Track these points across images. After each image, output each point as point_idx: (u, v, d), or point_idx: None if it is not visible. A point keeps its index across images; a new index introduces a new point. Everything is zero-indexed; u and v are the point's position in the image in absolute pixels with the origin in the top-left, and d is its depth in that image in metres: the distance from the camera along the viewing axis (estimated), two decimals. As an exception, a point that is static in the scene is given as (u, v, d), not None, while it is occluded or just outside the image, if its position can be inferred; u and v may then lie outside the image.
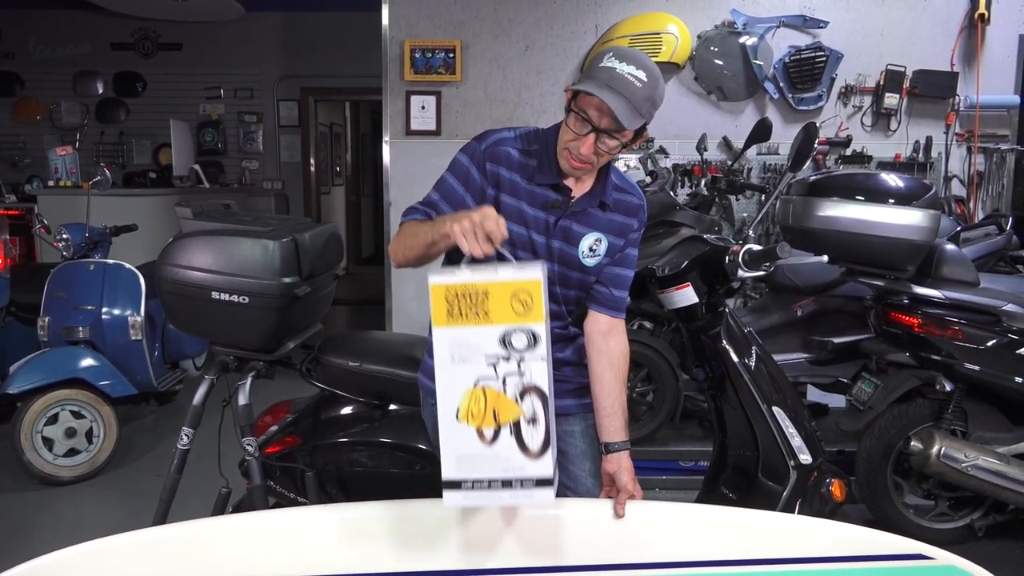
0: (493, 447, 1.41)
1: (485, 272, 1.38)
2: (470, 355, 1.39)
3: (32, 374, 3.50)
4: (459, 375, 1.40)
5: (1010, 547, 3.02)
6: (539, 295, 1.38)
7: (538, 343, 1.39)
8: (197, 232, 2.22)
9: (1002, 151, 4.59)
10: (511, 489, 1.42)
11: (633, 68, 1.58)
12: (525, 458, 1.41)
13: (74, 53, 8.08)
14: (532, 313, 1.38)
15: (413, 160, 4.59)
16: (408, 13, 4.58)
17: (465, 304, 1.37)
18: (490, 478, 1.42)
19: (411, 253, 1.64)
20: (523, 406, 1.41)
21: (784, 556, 1.59)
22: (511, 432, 1.41)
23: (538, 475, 1.42)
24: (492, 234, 1.41)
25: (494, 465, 1.42)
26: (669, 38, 4.46)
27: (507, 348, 1.39)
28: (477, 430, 1.41)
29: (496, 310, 1.37)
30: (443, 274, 1.38)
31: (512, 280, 1.38)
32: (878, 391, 2.96)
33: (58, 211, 5.00)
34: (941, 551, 1.61)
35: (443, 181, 1.75)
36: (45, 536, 3.10)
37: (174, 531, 1.59)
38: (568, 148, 1.66)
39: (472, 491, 1.43)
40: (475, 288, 1.37)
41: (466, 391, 1.40)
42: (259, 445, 2.17)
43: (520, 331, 1.38)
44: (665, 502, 1.74)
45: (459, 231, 1.42)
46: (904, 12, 4.55)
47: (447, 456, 1.42)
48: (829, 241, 2.76)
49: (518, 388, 1.40)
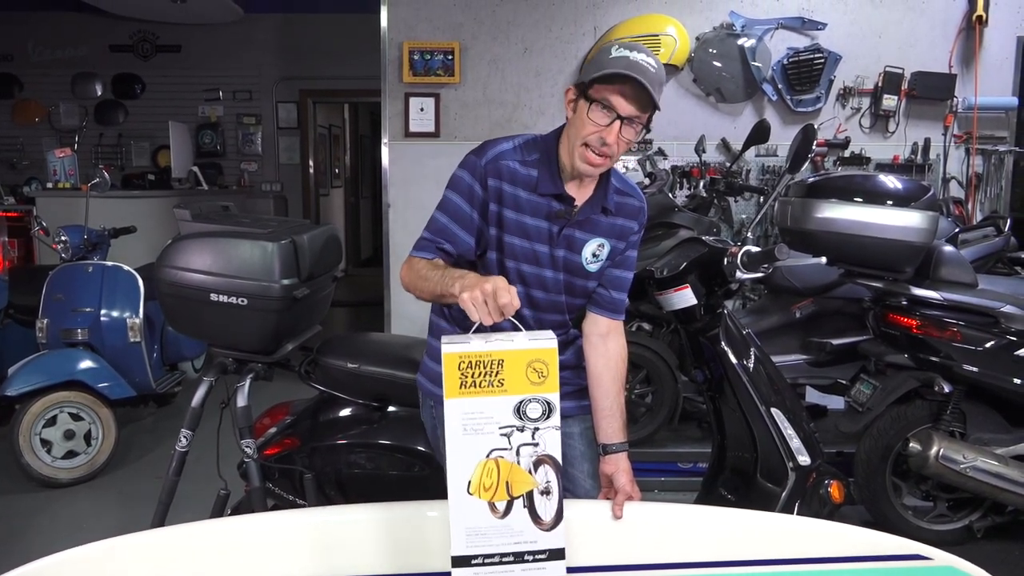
0: (505, 520, 1.38)
1: (500, 341, 1.37)
2: (483, 426, 1.36)
3: (31, 376, 3.50)
4: (471, 447, 1.36)
5: (1009, 548, 3.02)
6: (554, 364, 1.38)
7: (552, 413, 1.38)
8: (196, 234, 2.22)
9: (1000, 153, 4.60)
10: (523, 563, 1.39)
11: (644, 55, 1.61)
12: (538, 530, 1.39)
13: (73, 55, 8.09)
14: (548, 382, 1.37)
15: (412, 162, 4.60)
16: (407, 15, 4.58)
17: (479, 373, 1.35)
18: (501, 552, 1.39)
19: (420, 294, 1.63)
20: (537, 477, 1.39)
21: (782, 557, 1.59)
22: (524, 504, 1.39)
23: (551, 547, 1.40)
24: (505, 308, 1.39)
25: (506, 539, 1.38)
26: (668, 40, 4.47)
27: (522, 418, 1.37)
28: (489, 503, 1.38)
29: (511, 380, 1.36)
30: (456, 342, 1.36)
31: (528, 349, 1.37)
32: (877, 392, 2.96)
33: (57, 213, 5.01)
34: (939, 551, 1.61)
35: (447, 201, 1.72)
36: (43, 538, 3.10)
37: (173, 533, 1.59)
38: (588, 142, 1.64)
39: (483, 567, 1.39)
40: (490, 356, 1.35)
41: (478, 463, 1.37)
42: (258, 447, 2.17)
43: (535, 401, 1.37)
44: (663, 503, 1.74)
45: (468, 300, 1.39)
46: (902, 14, 4.56)
47: (457, 531, 1.38)
48: (827, 243, 2.76)
49: (532, 458, 1.38)
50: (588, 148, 1.65)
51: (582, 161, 1.66)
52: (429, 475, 2.07)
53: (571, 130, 1.68)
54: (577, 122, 1.66)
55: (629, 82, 1.58)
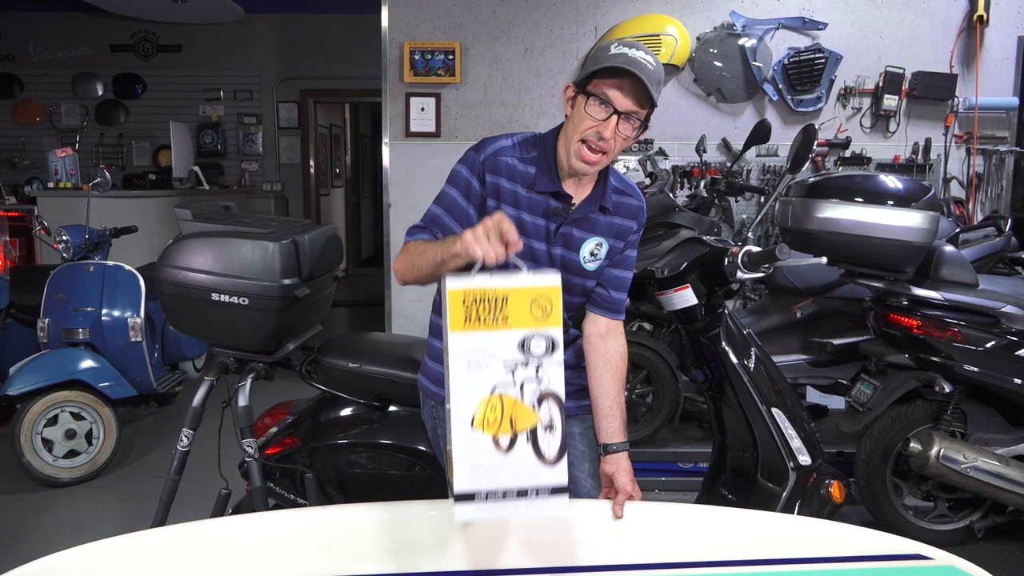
0: (509, 456, 1.38)
1: (504, 278, 1.37)
2: (487, 361, 1.36)
3: (32, 376, 3.50)
4: (475, 382, 1.37)
5: (1009, 549, 3.02)
6: (558, 301, 1.38)
7: (556, 348, 1.39)
8: (197, 234, 2.22)
9: (1001, 153, 4.60)
10: (526, 499, 1.40)
11: (643, 53, 1.62)
12: (541, 466, 1.39)
13: (74, 55, 8.09)
14: (551, 318, 1.38)
15: (413, 162, 4.60)
16: (407, 15, 4.58)
17: (483, 309, 1.35)
18: (505, 488, 1.39)
19: (419, 272, 1.62)
20: (540, 413, 1.39)
21: (783, 557, 1.59)
22: (528, 440, 1.39)
23: (554, 483, 1.40)
24: (507, 234, 1.40)
25: (510, 474, 1.38)
26: (668, 40, 4.47)
27: (525, 353, 1.37)
28: (493, 438, 1.37)
29: (515, 315, 1.36)
30: (460, 279, 1.36)
31: (532, 286, 1.37)
32: (877, 392, 2.96)
33: (58, 213, 5.02)
34: (940, 551, 1.62)
35: (444, 194, 1.74)
36: (45, 538, 3.10)
37: (174, 533, 1.59)
38: (585, 137, 1.64)
39: (486, 503, 1.38)
40: (494, 293, 1.35)
41: (482, 399, 1.37)
42: (259, 447, 2.17)
43: (539, 336, 1.38)
44: (664, 503, 1.74)
45: (471, 238, 1.40)
46: (903, 14, 4.56)
47: (460, 467, 1.38)
48: (828, 243, 2.76)
49: (535, 394, 1.38)
50: (585, 144, 1.65)
51: (578, 158, 1.67)
52: (430, 475, 2.08)
53: (569, 126, 1.69)
54: (575, 117, 1.67)
55: (627, 77, 1.59)
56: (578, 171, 1.70)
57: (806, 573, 1.60)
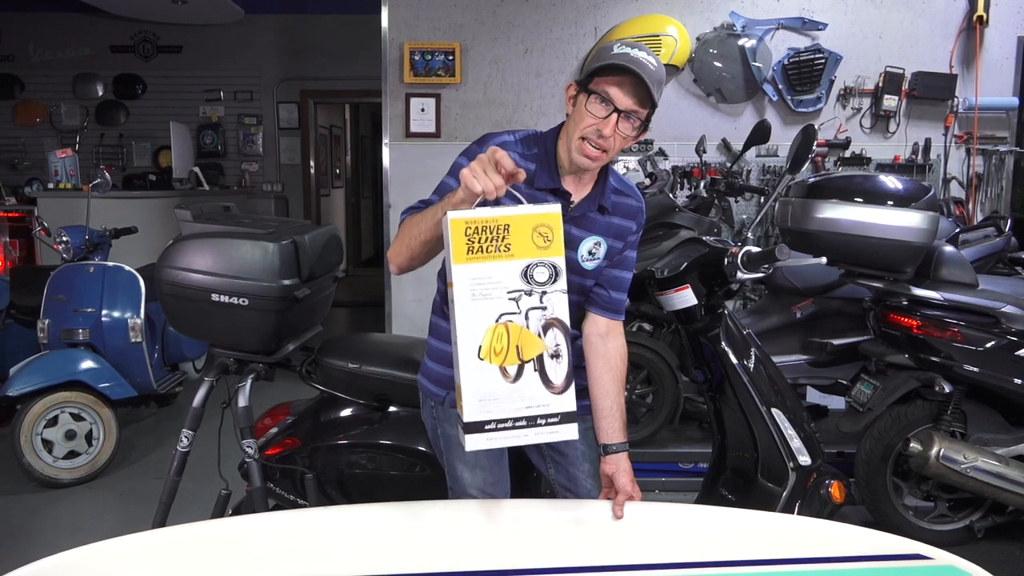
0: (517, 384, 1.38)
1: (505, 208, 1.38)
2: (491, 291, 1.37)
3: (32, 376, 3.50)
4: (480, 312, 1.37)
5: (1010, 549, 3.02)
6: (559, 228, 1.40)
7: (559, 276, 1.39)
8: (197, 234, 2.22)
9: (1001, 153, 4.60)
10: (536, 427, 1.40)
11: (644, 54, 1.63)
12: (550, 393, 1.40)
13: (74, 56, 8.10)
14: (553, 246, 1.39)
15: (413, 162, 4.60)
16: (407, 15, 4.58)
17: (486, 239, 1.36)
18: (514, 416, 1.39)
19: (414, 243, 1.61)
20: (546, 340, 1.39)
21: (783, 557, 1.60)
22: (535, 368, 1.39)
23: (563, 410, 1.41)
24: (503, 163, 1.41)
25: (518, 403, 1.39)
26: (668, 40, 4.47)
27: (529, 282, 1.38)
28: (500, 367, 1.38)
29: (518, 244, 1.37)
30: (462, 211, 1.37)
31: (533, 213, 1.39)
32: (877, 393, 2.96)
33: (58, 213, 5.02)
34: (940, 551, 1.62)
35: (444, 185, 1.75)
36: (45, 539, 3.10)
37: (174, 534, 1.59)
38: (585, 135, 1.65)
39: (496, 432, 1.39)
40: (496, 222, 1.36)
41: (488, 328, 1.37)
42: (259, 447, 2.17)
43: (542, 264, 1.38)
44: (663, 503, 1.74)
45: (468, 173, 1.40)
46: (903, 14, 4.56)
47: (468, 397, 1.37)
48: (828, 243, 2.76)
49: (541, 322, 1.39)
50: (585, 141, 1.66)
51: (579, 154, 1.67)
52: (430, 475, 2.08)
53: (570, 124, 1.70)
54: (576, 115, 1.68)
55: (628, 75, 1.60)
56: (579, 165, 1.70)
57: (806, 573, 1.60)
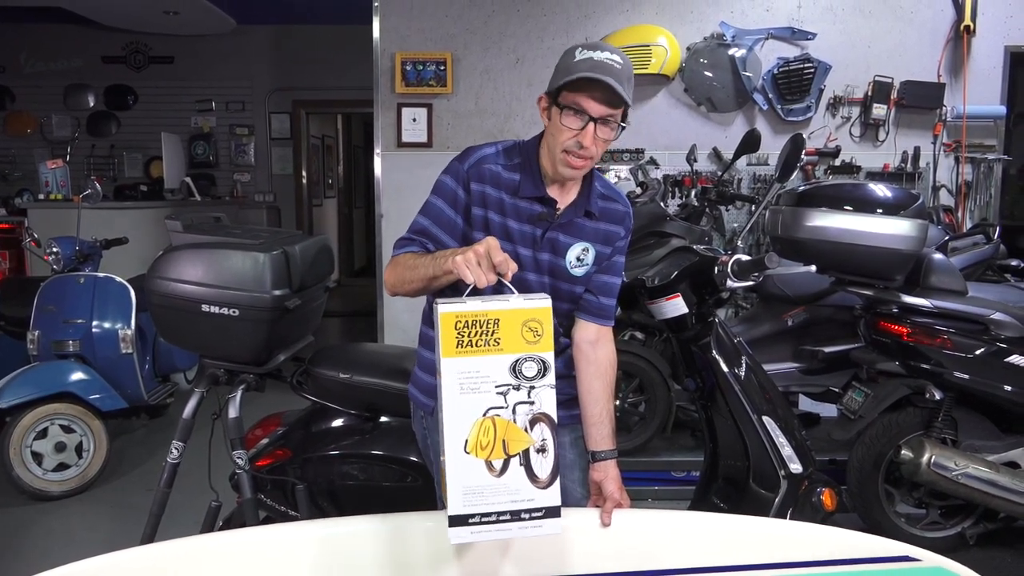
0: (502, 478, 1.39)
1: (495, 300, 1.38)
2: (480, 385, 1.37)
3: (21, 388, 3.48)
4: (468, 406, 1.37)
5: (1001, 555, 3.03)
6: (549, 323, 1.40)
7: (547, 371, 1.39)
8: (187, 245, 2.22)
9: (989, 161, 4.64)
10: (520, 521, 1.40)
11: (608, 53, 1.63)
12: (535, 488, 1.40)
13: (65, 66, 8.09)
14: (543, 341, 1.39)
15: (405, 172, 4.61)
16: (399, 26, 4.60)
17: (476, 332, 1.36)
18: (499, 511, 1.39)
19: (410, 287, 1.63)
20: (533, 435, 1.39)
21: (772, 561, 1.59)
22: (520, 462, 1.39)
23: (548, 504, 1.41)
24: (500, 266, 1.42)
25: (503, 496, 1.39)
26: (659, 50, 4.49)
27: (518, 377, 1.38)
28: (486, 461, 1.38)
29: (507, 338, 1.37)
30: (452, 303, 1.38)
31: (524, 308, 1.39)
32: (869, 400, 2.97)
33: (48, 224, 5.01)
34: (928, 553, 1.62)
35: (430, 205, 1.74)
36: (35, 552, 3.08)
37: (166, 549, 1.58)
38: (567, 148, 1.66)
39: (480, 526, 1.39)
40: (487, 316, 1.36)
41: (475, 422, 1.37)
42: (250, 458, 2.16)
43: (531, 359, 1.39)
44: (652, 509, 1.74)
45: (462, 262, 1.42)
46: (891, 24, 4.59)
47: (453, 490, 1.38)
48: (818, 251, 2.77)
49: (528, 416, 1.39)
50: (569, 154, 1.66)
51: (565, 166, 1.68)
52: (422, 485, 2.07)
53: (549, 137, 1.71)
54: (553, 129, 1.68)
55: (596, 84, 1.60)
56: (567, 176, 1.71)
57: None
